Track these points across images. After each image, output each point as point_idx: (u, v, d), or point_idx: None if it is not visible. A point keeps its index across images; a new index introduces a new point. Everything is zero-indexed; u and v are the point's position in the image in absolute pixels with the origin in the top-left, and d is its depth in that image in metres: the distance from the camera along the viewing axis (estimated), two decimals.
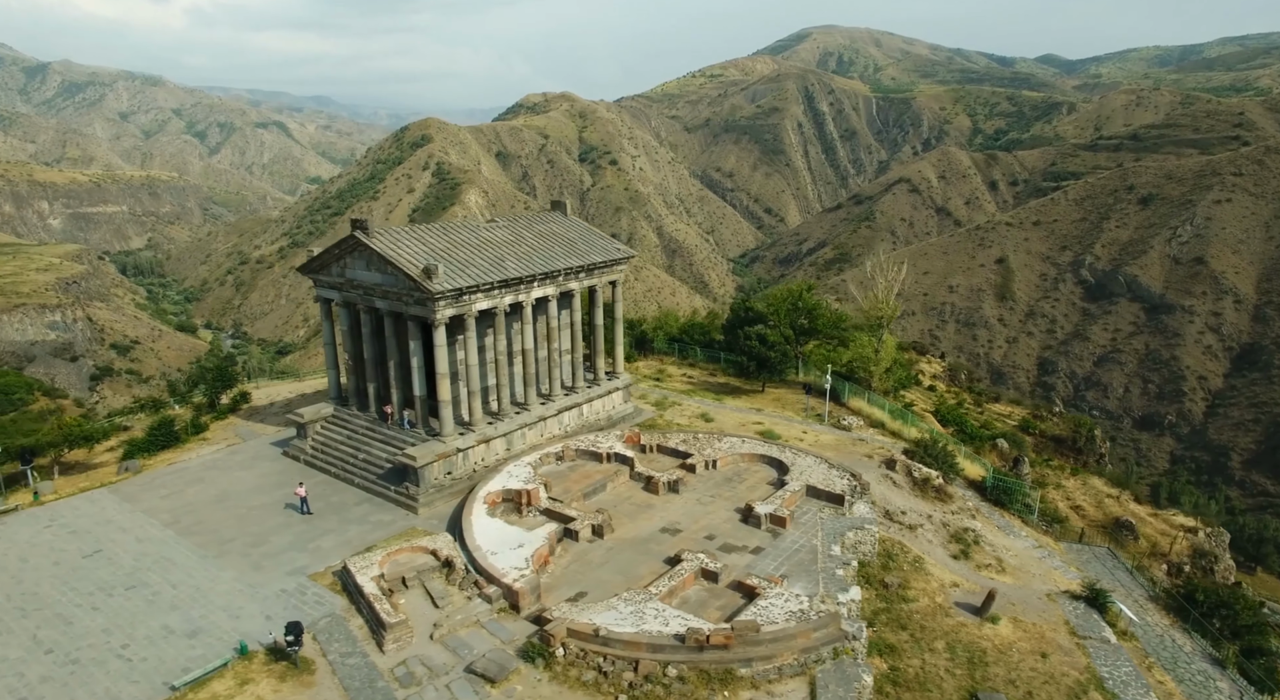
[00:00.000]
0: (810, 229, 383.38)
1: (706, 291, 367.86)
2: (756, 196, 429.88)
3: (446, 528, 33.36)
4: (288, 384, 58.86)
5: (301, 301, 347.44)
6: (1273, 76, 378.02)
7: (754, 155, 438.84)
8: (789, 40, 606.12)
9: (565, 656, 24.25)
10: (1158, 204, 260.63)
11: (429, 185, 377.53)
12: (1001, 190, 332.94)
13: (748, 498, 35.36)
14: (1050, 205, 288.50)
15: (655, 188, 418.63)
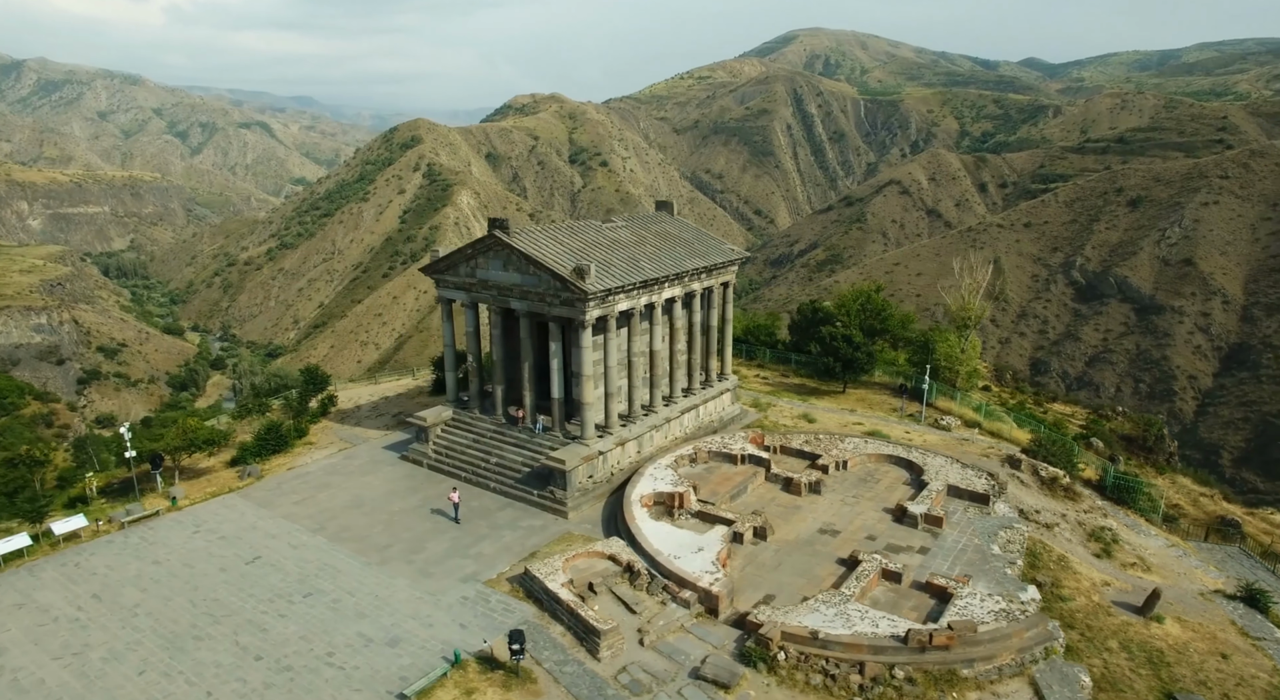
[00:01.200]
0: (801, 230, 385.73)
1: None
2: (746, 198, 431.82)
3: (603, 531, 33.34)
4: (363, 387, 58.28)
5: (291, 304, 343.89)
6: (1250, 81, 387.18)
7: (743, 157, 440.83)
8: (775, 43, 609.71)
9: (786, 661, 24.37)
10: (1146, 206, 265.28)
11: (420, 186, 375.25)
12: (991, 192, 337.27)
13: (888, 498, 35.71)
14: (1040, 207, 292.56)
15: (646, 189, 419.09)
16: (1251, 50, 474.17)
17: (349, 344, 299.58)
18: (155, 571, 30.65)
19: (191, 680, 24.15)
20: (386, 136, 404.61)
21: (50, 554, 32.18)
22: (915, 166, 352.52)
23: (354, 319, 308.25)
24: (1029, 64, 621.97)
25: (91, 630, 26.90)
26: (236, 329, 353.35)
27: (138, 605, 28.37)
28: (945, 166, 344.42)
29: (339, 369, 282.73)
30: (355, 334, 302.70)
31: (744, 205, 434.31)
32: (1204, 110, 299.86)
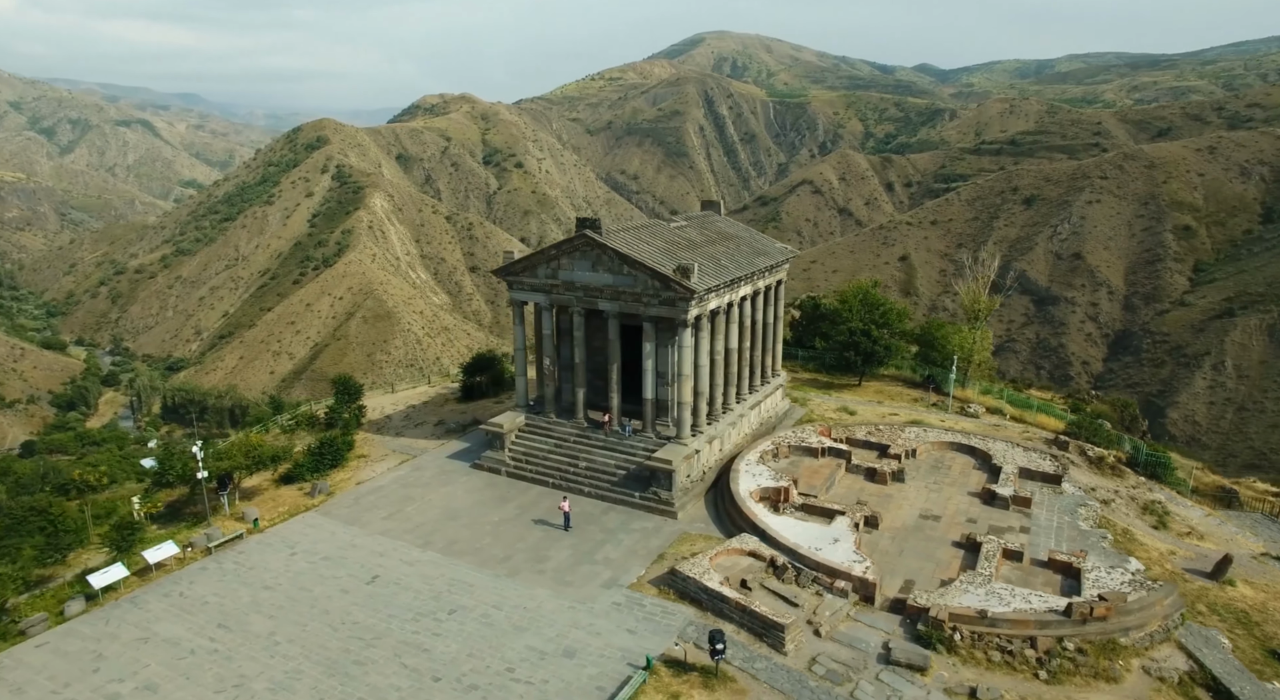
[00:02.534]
0: None
1: None
2: (662, 198, 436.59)
3: (717, 528, 33.75)
4: (382, 396, 56.13)
5: (192, 314, 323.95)
6: (1114, 90, 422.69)
7: (657, 158, 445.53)
8: (683, 45, 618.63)
9: (962, 641, 25.58)
10: (1039, 204, 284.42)
11: (329, 189, 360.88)
12: (897, 191, 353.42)
13: (967, 483, 37.70)
14: (945, 205, 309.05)
15: (563, 190, 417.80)
16: (1112, 63, 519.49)
17: (260, 354, 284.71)
18: (273, 597, 28.96)
19: None
20: (290, 137, 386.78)
21: (145, 584, 29.83)
22: (826, 167, 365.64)
23: (265, 328, 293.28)
24: (922, 69, 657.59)
25: (238, 661, 25.26)
26: (130, 342, 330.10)
27: (273, 633, 26.79)
28: (854, 167, 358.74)
29: (250, 380, 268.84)
30: (266, 343, 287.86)
31: (660, 206, 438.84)
32: (1081, 116, 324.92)
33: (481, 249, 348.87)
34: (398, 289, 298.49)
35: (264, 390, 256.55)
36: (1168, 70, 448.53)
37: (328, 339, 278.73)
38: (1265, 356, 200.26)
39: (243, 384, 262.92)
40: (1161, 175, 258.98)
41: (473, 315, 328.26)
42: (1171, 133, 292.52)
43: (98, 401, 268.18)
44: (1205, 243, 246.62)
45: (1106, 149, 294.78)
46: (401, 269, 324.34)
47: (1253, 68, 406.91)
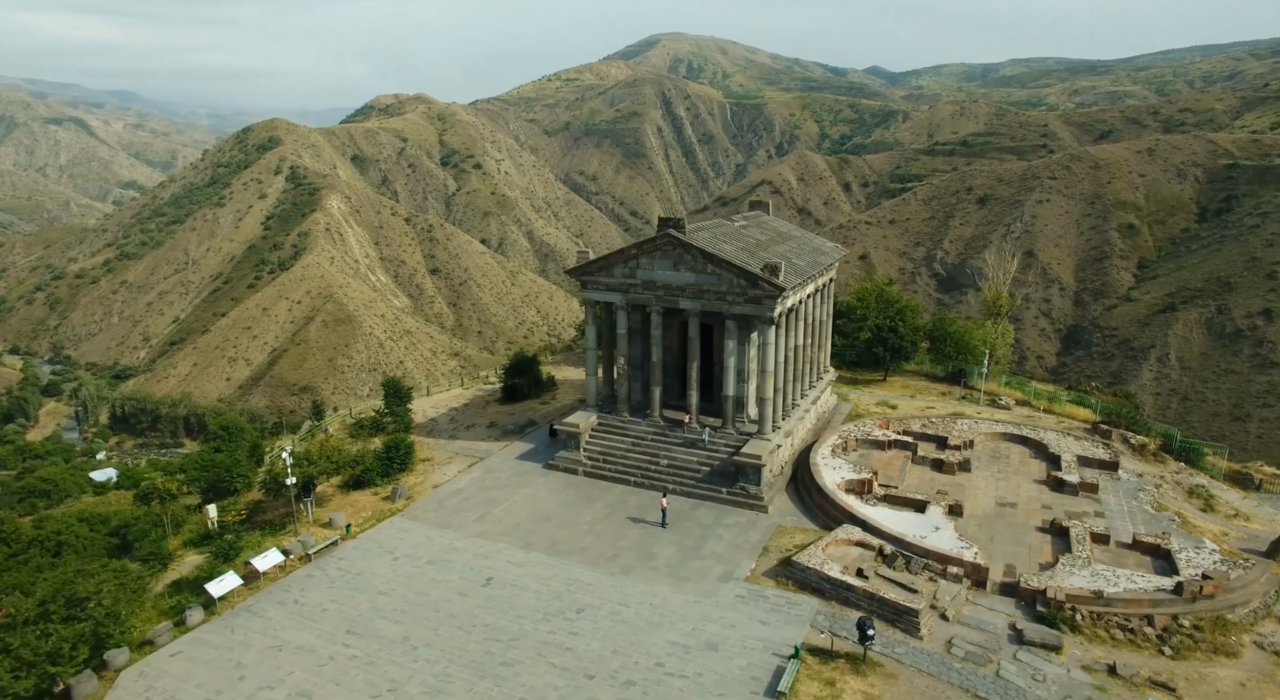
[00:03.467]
0: None
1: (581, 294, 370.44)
2: (621, 199, 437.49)
3: (809, 520, 34.54)
4: (420, 399, 55.42)
5: (139, 320, 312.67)
6: (1057, 94, 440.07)
7: (616, 158, 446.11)
8: (639, 46, 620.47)
9: (1084, 620, 26.84)
10: (993, 204, 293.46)
11: (283, 191, 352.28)
12: (855, 191, 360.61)
13: (1030, 471, 39.32)
14: (902, 205, 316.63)
15: (522, 192, 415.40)
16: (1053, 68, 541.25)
17: (215, 360, 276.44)
18: (391, 602, 28.69)
19: None
20: (240, 137, 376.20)
21: (255, 592, 29.22)
22: (784, 167, 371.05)
23: (219, 333, 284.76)
24: (873, 72, 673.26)
25: (382, 666, 25.06)
26: (71, 350, 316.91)
27: (407, 637, 26.61)
28: (812, 167, 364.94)
29: (205, 388, 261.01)
30: (222, 350, 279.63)
31: (619, 207, 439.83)
32: (1028, 118, 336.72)
33: (442, 251, 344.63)
34: (358, 292, 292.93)
35: (220, 398, 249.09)
36: (1104, 75, 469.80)
37: (286, 344, 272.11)
38: (1205, 349, 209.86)
39: (198, 392, 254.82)
40: (1106, 176, 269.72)
41: (435, 318, 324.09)
42: (1113, 135, 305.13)
43: (38, 413, 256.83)
44: (1148, 240, 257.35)
45: (1053, 150, 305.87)
46: (361, 272, 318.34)
47: (1180, 74, 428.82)
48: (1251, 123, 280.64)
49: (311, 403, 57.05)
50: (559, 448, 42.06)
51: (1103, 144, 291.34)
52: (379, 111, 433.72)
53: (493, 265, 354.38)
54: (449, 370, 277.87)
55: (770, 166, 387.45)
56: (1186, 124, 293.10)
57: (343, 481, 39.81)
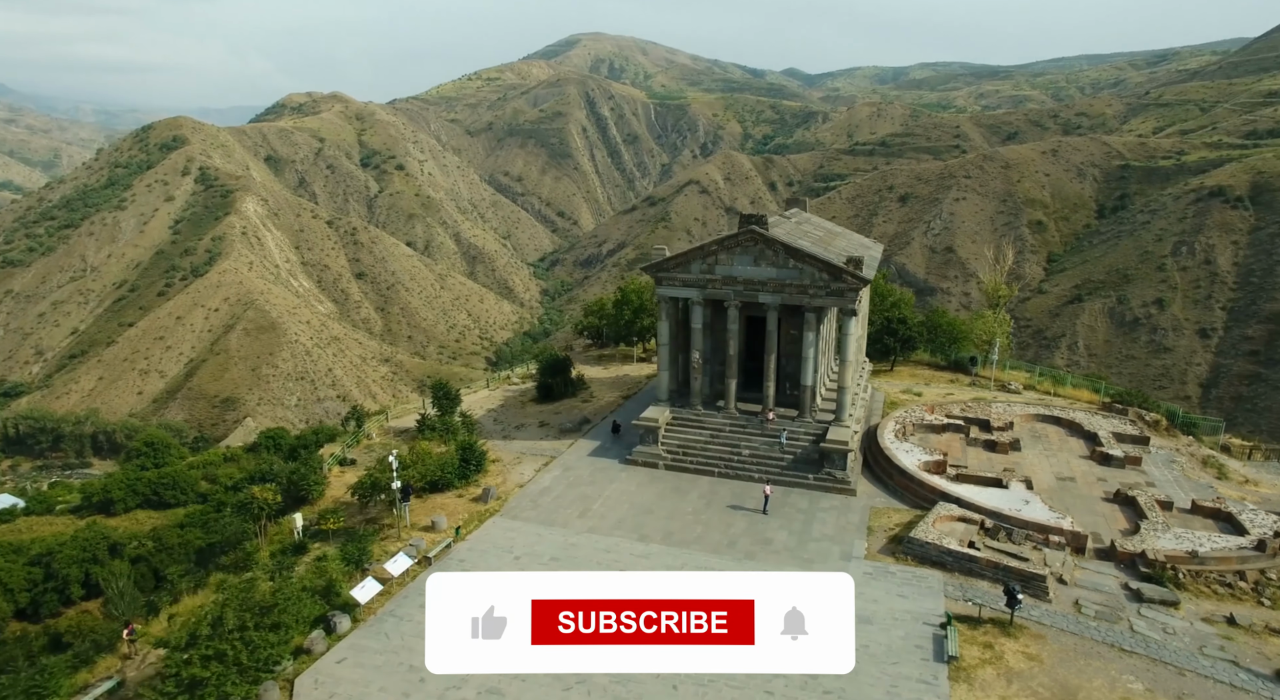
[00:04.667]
0: (608, 231, 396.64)
1: (512, 296, 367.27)
2: (548, 200, 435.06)
3: (898, 500, 36.35)
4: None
5: (30, 332, 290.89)
6: (965, 97, 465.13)
7: (542, 159, 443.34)
8: (559, 46, 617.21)
9: (1185, 578, 29.52)
10: (913, 202, 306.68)
11: (193, 193, 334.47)
12: (780, 190, 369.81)
13: (1073, 447, 42.50)
14: (828, 204, 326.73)
15: (447, 193, 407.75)
16: (958, 72, 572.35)
17: (124, 373, 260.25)
18: None
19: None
20: (140, 136, 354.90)
21: (389, 598, 28.67)
22: (711, 167, 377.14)
23: (128, 345, 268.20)
24: (790, 73, 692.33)
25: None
26: None
27: None
28: (738, 167, 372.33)
29: (114, 403, 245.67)
30: (131, 362, 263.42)
31: (546, 207, 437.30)
32: (941, 120, 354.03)
33: (367, 254, 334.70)
34: (280, 298, 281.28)
35: (132, 413, 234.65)
36: (1006, 80, 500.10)
37: (205, 354, 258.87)
38: (1108, 336, 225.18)
39: (105, 408, 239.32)
40: (1015, 175, 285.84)
41: (362, 323, 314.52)
42: (1018, 136, 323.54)
43: None
44: (1055, 236, 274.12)
45: (966, 150, 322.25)
46: (282, 277, 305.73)
47: (1072, 81, 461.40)
48: (1138, 127, 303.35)
49: (351, 408, 55.31)
50: (625, 444, 42.63)
51: (1010, 145, 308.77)
52: (292, 111, 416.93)
53: (420, 268, 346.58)
54: (380, 377, 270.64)
55: (697, 166, 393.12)
56: (1083, 127, 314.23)
57: (421, 485, 39.19)
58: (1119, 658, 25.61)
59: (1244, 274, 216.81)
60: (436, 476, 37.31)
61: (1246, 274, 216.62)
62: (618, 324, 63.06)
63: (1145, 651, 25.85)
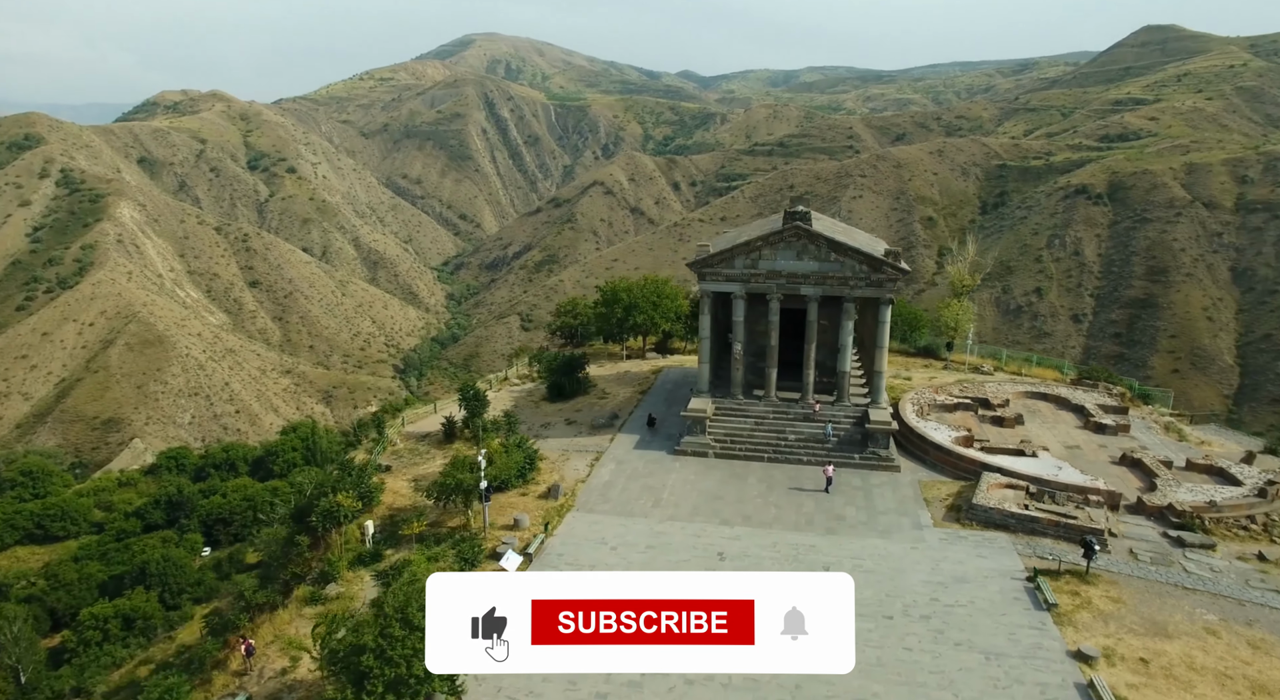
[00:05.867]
0: (513, 233, 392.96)
1: (417, 302, 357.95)
2: (449, 203, 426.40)
3: (940, 474, 39.25)
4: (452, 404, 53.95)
5: None
6: (854, 100, 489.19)
7: (441, 162, 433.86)
8: (454, 46, 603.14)
9: (1210, 524, 33.68)
10: (813, 200, 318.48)
11: (54, 197, 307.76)
12: (683, 190, 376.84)
13: (1065, 420, 47.00)
14: (732, 203, 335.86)
15: (343, 197, 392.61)
16: (845, 76, 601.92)
17: None
18: None
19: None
20: None
21: None
22: (615, 168, 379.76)
23: None
24: (685, 76, 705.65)
25: None
26: None
27: None
28: (642, 168, 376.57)
29: None
30: None
31: (448, 210, 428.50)
32: (835, 121, 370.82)
33: (261, 262, 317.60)
34: (166, 310, 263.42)
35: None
36: (890, 84, 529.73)
37: (80, 372, 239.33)
38: (996, 324, 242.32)
39: None
40: (907, 174, 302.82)
41: (259, 334, 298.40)
42: (906, 137, 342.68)
43: None
44: (944, 231, 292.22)
45: (859, 151, 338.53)
46: (167, 288, 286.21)
47: (949, 86, 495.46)
48: (1010, 130, 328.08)
49: (373, 415, 53.65)
50: (665, 435, 43.86)
51: (900, 145, 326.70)
52: (166, 109, 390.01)
53: (320, 275, 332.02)
54: (282, 389, 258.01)
55: (600, 167, 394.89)
56: (963, 129, 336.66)
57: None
58: (1185, 595, 29.18)
59: (1107, 264, 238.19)
60: (504, 476, 37.30)
61: (1109, 264, 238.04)
62: (608, 322, 63.80)
63: (1205, 588, 29.56)
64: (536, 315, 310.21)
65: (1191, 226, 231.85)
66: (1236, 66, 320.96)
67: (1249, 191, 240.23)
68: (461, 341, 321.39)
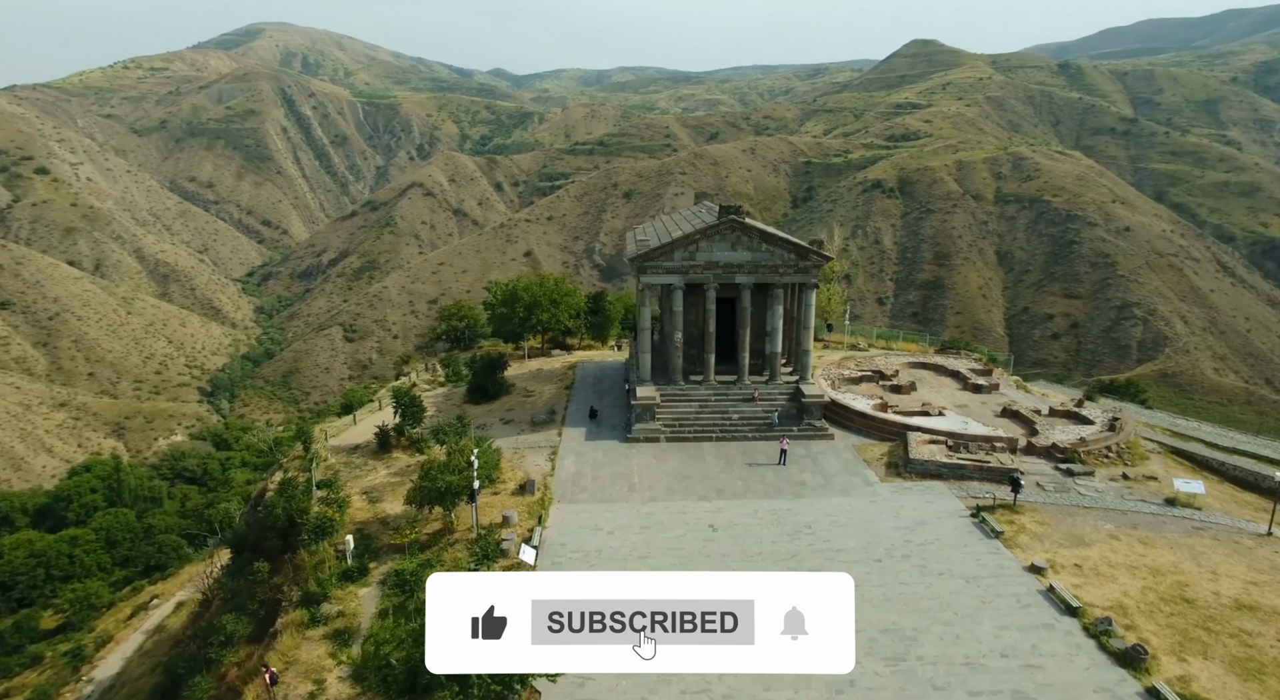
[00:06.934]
0: (327, 239, 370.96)
1: (221, 317, 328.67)
2: (250, 208, 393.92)
3: (865, 438, 44.18)
4: (372, 414, 51.92)
5: None
6: (666, 100, 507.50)
7: (236, 163, 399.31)
8: (240, 35, 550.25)
9: (1085, 456, 40.97)
10: (637, 197, 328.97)
11: None
12: (506, 190, 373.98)
13: (948, 384, 54.10)
14: (557, 202, 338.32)
15: (117, 202, 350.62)
16: (655, 77, 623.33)
17: None
18: (662, 560, 31.38)
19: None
20: None
21: None
22: (434, 169, 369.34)
23: None
24: (497, 74, 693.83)
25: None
26: None
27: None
28: (462, 168, 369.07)
29: None
30: None
31: (248, 217, 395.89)
32: (652, 121, 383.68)
33: (12, 279, 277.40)
34: None
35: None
36: (699, 85, 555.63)
37: None
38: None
39: None
40: (724, 171, 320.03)
41: (16, 364, 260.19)
42: (720, 136, 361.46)
43: None
44: (764, 224, 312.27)
45: (677, 149, 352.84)
46: None
47: (753, 87, 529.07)
48: (812, 129, 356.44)
49: (296, 431, 49.96)
50: (609, 426, 45.60)
51: (714, 144, 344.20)
52: None
53: (96, 292, 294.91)
54: (56, 426, 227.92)
55: (419, 168, 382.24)
56: (770, 128, 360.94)
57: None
58: (1086, 513, 35.60)
59: (902, 251, 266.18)
60: (483, 477, 37.21)
61: (903, 251, 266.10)
62: (510, 322, 63.90)
63: (1097, 505, 36.22)
64: (361, 325, 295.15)
65: (965, 216, 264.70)
66: (984, 79, 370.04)
67: (1004, 186, 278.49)
68: (278, 358, 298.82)
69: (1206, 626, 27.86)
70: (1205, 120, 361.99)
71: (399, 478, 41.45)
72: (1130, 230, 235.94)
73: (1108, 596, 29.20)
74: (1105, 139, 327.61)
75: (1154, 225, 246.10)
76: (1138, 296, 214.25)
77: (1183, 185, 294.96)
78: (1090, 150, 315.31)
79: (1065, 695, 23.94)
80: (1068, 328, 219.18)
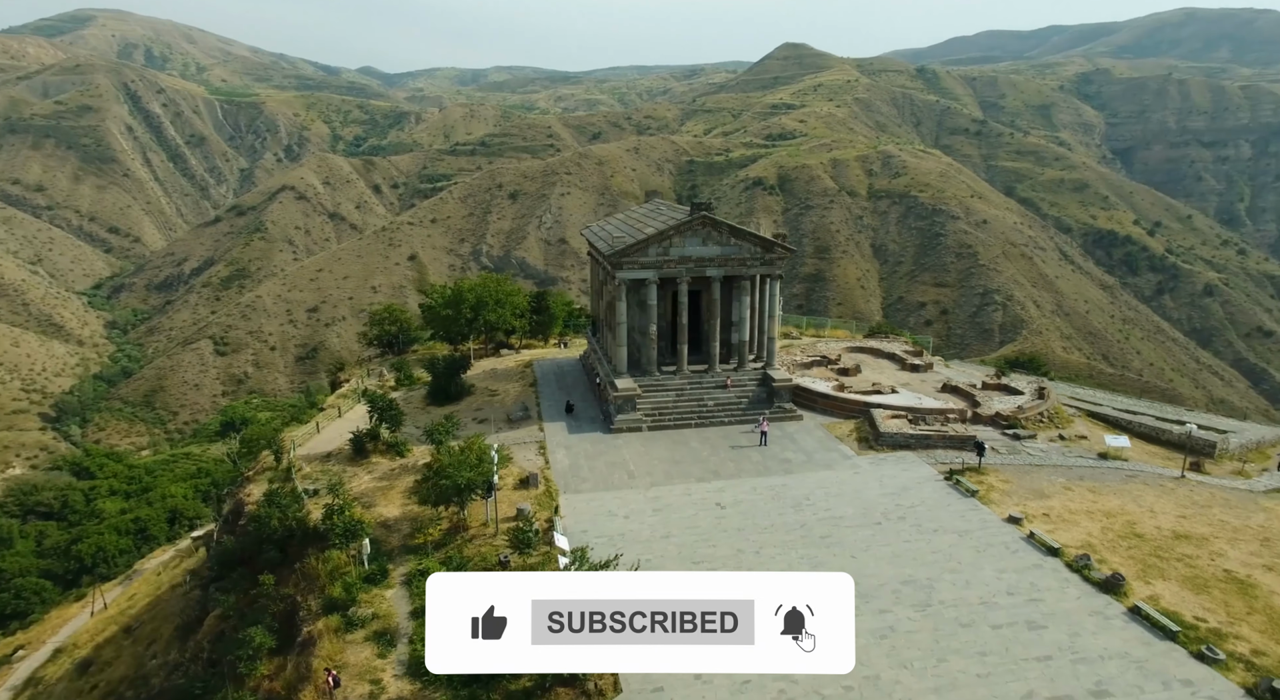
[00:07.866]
0: (188, 247, 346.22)
1: (64, 335, 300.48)
2: (92, 214, 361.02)
3: (831, 417, 47.38)
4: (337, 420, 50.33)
5: None
6: (545, 99, 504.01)
7: (72, 164, 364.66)
8: (65, 22, 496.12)
9: (1023, 422, 45.84)
10: (523, 198, 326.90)
11: None
12: (385, 193, 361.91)
13: (887, 366, 58.40)
14: (441, 204, 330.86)
15: None
16: (532, 77, 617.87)
17: None
18: (683, 539, 32.87)
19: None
20: None
21: None
22: (306, 171, 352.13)
23: None
24: (367, 72, 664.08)
25: (749, 559, 30.49)
26: None
27: (739, 550, 31.97)
28: (337, 170, 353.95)
29: None
30: None
31: (91, 223, 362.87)
32: (533, 121, 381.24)
33: None
34: None
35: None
36: (578, 85, 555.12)
37: None
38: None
39: None
40: (609, 170, 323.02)
41: None
42: (603, 136, 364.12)
43: None
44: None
45: (560, 149, 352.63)
46: None
47: (631, 87, 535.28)
48: (692, 129, 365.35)
49: (266, 442, 47.31)
50: (587, 418, 46.67)
51: (598, 144, 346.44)
52: None
53: None
54: None
55: (289, 170, 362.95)
56: (652, 128, 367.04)
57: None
58: (1039, 470, 40.09)
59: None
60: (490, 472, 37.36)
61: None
62: (456, 323, 63.21)
63: (1046, 463, 40.86)
64: (234, 337, 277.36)
65: (842, 211, 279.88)
66: (852, 81, 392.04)
67: (875, 182, 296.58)
68: (138, 376, 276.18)
69: (1158, 555, 32.37)
70: (1041, 123, 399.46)
71: (385, 482, 40.91)
72: (987, 223, 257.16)
73: (1076, 538, 33.29)
74: (960, 139, 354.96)
75: (1006, 218, 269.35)
76: (997, 284, 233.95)
77: (1027, 181, 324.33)
78: (948, 149, 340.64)
79: (1067, 620, 27.41)
80: (939, 314, 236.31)
